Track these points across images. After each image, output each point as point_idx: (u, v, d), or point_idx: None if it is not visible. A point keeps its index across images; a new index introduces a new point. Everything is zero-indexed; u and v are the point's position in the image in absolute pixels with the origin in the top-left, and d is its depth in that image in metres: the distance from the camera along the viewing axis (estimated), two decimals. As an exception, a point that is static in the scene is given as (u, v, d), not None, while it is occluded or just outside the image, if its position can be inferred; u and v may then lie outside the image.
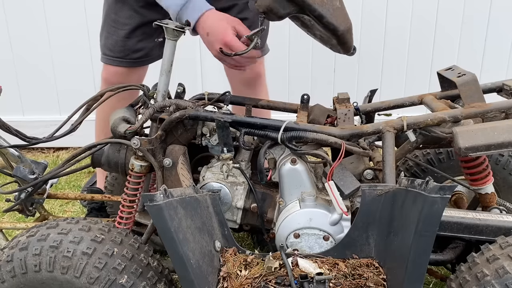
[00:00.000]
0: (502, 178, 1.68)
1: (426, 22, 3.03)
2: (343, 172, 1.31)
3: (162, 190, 1.09)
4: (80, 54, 3.10)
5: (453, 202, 1.66)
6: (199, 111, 1.39)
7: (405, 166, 1.77)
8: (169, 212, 1.08)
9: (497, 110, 1.33)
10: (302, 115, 1.52)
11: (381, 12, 3.02)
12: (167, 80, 1.50)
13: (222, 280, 1.20)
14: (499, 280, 1.05)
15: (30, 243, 1.20)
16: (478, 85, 1.42)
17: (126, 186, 1.46)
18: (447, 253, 1.33)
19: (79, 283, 1.17)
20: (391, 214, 1.17)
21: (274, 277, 1.18)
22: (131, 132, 1.40)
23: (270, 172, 1.40)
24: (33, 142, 1.58)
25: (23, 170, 1.57)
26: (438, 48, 3.08)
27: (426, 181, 1.05)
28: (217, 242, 1.26)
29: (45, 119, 3.07)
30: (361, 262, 1.21)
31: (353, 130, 1.35)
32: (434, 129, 1.33)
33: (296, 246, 1.31)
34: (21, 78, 3.18)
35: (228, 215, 1.44)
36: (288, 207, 1.36)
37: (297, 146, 1.33)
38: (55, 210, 2.48)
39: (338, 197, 1.25)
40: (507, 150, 1.26)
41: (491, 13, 2.99)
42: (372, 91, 1.73)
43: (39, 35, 3.07)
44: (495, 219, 1.25)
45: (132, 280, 1.18)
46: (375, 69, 3.15)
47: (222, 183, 1.41)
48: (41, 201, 1.72)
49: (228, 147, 1.38)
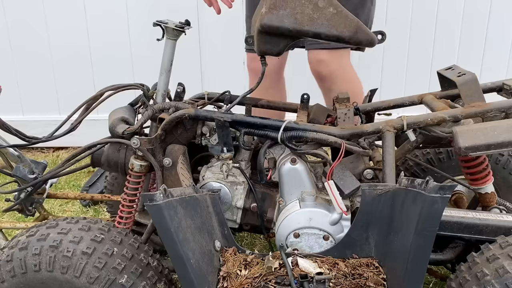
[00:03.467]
0: (502, 177, 1.68)
1: (426, 21, 3.03)
2: (343, 171, 1.31)
3: (162, 189, 1.09)
4: (80, 54, 3.10)
5: (453, 202, 1.66)
6: (199, 111, 1.39)
7: (405, 166, 1.77)
8: (169, 212, 1.08)
9: (497, 109, 1.33)
10: (302, 114, 1.52)
11: (381, 12, 3.02)
12: (167, 80, 1.50)
13: (222, 280, 1.20)
14: (499, 280, 1.05)
15: (30, 242, 1.20)
16: (478, 84, 1.41)
17: (126, 186, 1.46)
18: (447, 252, 1.33)
19: (79, 282, 1.17)
20: (391, 213, 1.17)
21: (274, 276, 1.18)
22: (129, 133, 1.40)
23: (270, 172, 1.40)
24: (32, 141, 1.58)
25: (23, 169, 1.57)
26: (438, 48, 3.08)
27: (426, 181, 1.05)
28: (217, 242, 1.25)
29: (44, 119, 3.07)
30: (361, 262, 1.21)
31: (353, 130, 1.35)
32: (434, 129, 1.33)
33: (296, 246, 1.31)
34: (21, 78, 3.18)
35: (228, 214, 1.44)
36: (288, 206, 1.36)
37: (297, 146, 1.33)
38: (54, 209, 2.48)
39: (338, 196, 1.25)
40: (507, 150, 1.26)
41: (491, 13, 2.99)
42: (372, 91, 1.73)
43: (39, 35, 3.07)
44: (495, 218, 1.25)
45: (132, 280, 1.18)
46: (375, 69, 3.15)
47: (222, 183, 1.41)
48: (40, 201, 1.72)
49: (228, 147, 1.38)
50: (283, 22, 1.26)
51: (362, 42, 1.31)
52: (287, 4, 1.26)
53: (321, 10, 1.27)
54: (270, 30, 1.28)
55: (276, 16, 1.26)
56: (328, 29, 1.27)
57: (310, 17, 1.26)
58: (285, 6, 1.26)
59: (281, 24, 1.26)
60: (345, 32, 1.28)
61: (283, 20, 1.26)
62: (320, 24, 1.26)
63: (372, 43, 1.35)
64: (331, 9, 1.27)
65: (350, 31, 1.28)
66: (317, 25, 1.26)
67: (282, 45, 1.31)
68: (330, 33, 1.27)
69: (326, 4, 1.27)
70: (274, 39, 1.30)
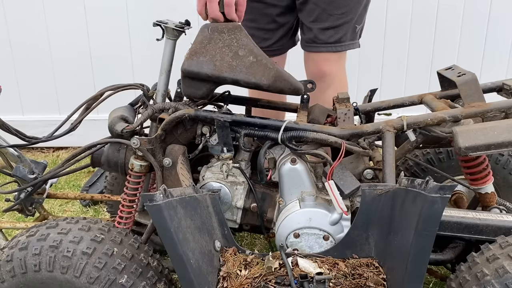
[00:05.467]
0: (502, 177, 1.68)
1: (426, 21, 3.03)
2: (343, 171, 1.31)
3: (161, 190, 1.09)
4: (79, 53, 3.10)
5: (453, 202, 1.66)
6: (199, 111, 1.39)
7: (405, 166, 1.77)
8: (169, 212, 1.08)
9: (497, 109, 1.33)
10: (302, 114, 1.52)
11: (381, 12, 3.02)
12: (166, 80, 1.50)
13: (222, 280, 1.20)
14: (499, 280, 1.05)
15: (29, 243, 1.20)
16: (478, 84, 1.41)
17: (126, 186, 1.46)
18: (447, 252, 1.33)
19: (79, 283, 1.17)
20: (391, 213, 1.17)
21: (274, 277, 1.18)
22: (128, 131, 1.40)
23: (270, 172, 1.40)
24: (32, 141, 1.58)
25: (23, 169, 1.57)
26: (438, 48, 3.08)
27: (426, 181, 1.05)
28: (217, 242, 1.25)
29: (44, 119, 3.08)
30: (361, 262, 1.21)
31: (353, 130, 1.35)
32: (434, 129, 1.33)
33: (296, 246, 1.31)
34: (21, 77, 3.18)
35: (228, 214, 1.44)
36: (288, 206, 1.36)
37: (297, 146, 1.33)
38: (54, 209, 2.48)
39: (338, 196, 1.25)
40: (507, 150, 1.26)
41: (491, 13, 2.99)
42: (372, 91, 1.73)
43: (39, 35, 3.07)
44: (495, 218, 1.25)
45: (132, 280, 1.18)
46: (375, 69, 3.15)
47: (222, 183, 1.41)
48: (40, 201, 1.72)
49: (228, 147, 1.38)
50: (202, 68, 1.32)
51: (284, 89, 1.37)
52: (208, 51, 1.33)
53: (241, 58, 1.33)
54: (190, 75, 1.35)
55: (196, 62, 1.33)
56: (246, 76, 1.32)
57: (229, 64, 1.32)
58: (205, 53, 1.33)
59: (200, 70, 1.33)
60: (263, 80, 1.33)
61: (203, 66, 1.33)
62: (239, 71, 1.32)
63: (297, 92, 1.40)
64: (250, 58, 1.33)
65: (269, 79, 1.33)
66: (236, 72, 1.32)
67: (205, 89, 1.37)
68: (249, 80, 1.33)
69: (246, 53, 1.33)
70: (196, 83, 1.36)
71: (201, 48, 1.33)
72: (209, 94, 1.41)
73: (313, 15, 1.87)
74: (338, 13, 1.86)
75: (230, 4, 1.34)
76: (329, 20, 1.86)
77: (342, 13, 1.86)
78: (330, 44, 1.90)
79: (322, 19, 1.86)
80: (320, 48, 1.91)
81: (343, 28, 1.89)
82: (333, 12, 1.85)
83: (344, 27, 1.89)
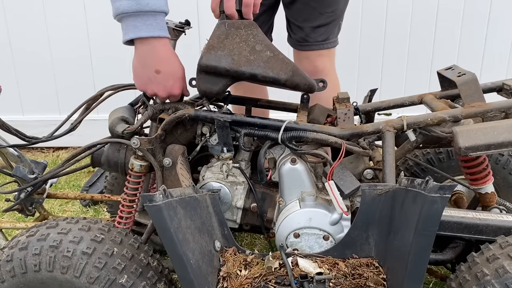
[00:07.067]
0: (502, 177, 1.68)
1: (426, 22, 3.03)
2: (343, 171, 1.31)
3: (161, 190, 1.09)
4: (79, 53, 3.10)
5: (453, 202, 1.66)
6: (198, 111, 1.39)
7: (405, 166, 1.77)
8: (169, 212, 1.08)
9: (497, 109, 1.33)
10: (302, 114, 1.52)
11: (381, 12, 3.02)
12: (167, 80, 1.49)
13: (222, 280, 1.20)
14: (499, 280, 1.05)
15: (29, 242, 1.20)
16: (478, 84, 1.41)
17: (126, 186, 1.46)
18: (447, 252, 1.33)
19: (79, 283, 1.17)
20: (391, 213, 1.17)
21: (274, 277, 1.18)
22: (129, 132, 1.40)
23: (270, 172, 1.40)
24: (32, 141, 1.58)
25: (23, 169, 1.57)
26: (438, 48, 3.08)
27: (426, 181, 1.05)
28: (216, 242, 1.25)
29: (44, 119, 3.08)
30: (361, 262, 1.21)
31: (353, 130, 1.35)
32: (434, 129, 1.33)
33: (296, 246, 1.31)
34: (21, 77, 3.18)
35: (228, 214, 1.44)
36: (288, 206, 1.36)
37: (297, 146, 1.33)
38: (54, 209, 2.48)
39: (338, 196, 1.25)
40: (507, 150, 1.25)
41: (491, 13, 2.99)
42: (372, 91, 1.73)
43: (39, 35, 3.07)
44: (495, 218, 1.25)
45: (132, 280, 1.18)
46: (375, 69, 3.15)
47: (222, 183, 1.41)
48: (40, 201, 1.72)
49: (228, 147, 1.38)
50: (220, 62, 1.32)
51: (299, 85, 1.37)
52: (225, 46, 1.32)
53: (258, 53, 1.32)
54: (208, 69, 1.33)
55: (214, 56, 1.32)
56: (264, 70, 1.32)
57: (247, 59, 1.32)
58: (223, 48, 1.32)
59: (218, 64, 1.32)
60: (281, 74, 1.33)
61: (221, 60, 1.32)
62: (257, 65, 1.32)
63: (311, 88, 1.40)
64: (267, 53, 1.33)
65: (287, 73, 1.33)
66: (254, 66, 1.32)
67: (221, 85, 1.36)
68: (267, 74, 1.32)
69: (263, 48, 1.33)
70: (213, 79, 1.35)
71: (219, 43, 1.33)
72: (225, 90, 1.40)
73: (304, 14, 1.89)
74: (329, 11, 1.89)
75: (249, 4, 1.34)
76: (320, 19, 1.88)
77: (332, 11, 1.89)
78: (321, 42, 1.94)
79: (313, 18, 1.88)
80: (313, 46, 1.95)
81: (332, 25, 1.93)
82: (324, 11, 1.88)
83: (333, 24, 1.93)
